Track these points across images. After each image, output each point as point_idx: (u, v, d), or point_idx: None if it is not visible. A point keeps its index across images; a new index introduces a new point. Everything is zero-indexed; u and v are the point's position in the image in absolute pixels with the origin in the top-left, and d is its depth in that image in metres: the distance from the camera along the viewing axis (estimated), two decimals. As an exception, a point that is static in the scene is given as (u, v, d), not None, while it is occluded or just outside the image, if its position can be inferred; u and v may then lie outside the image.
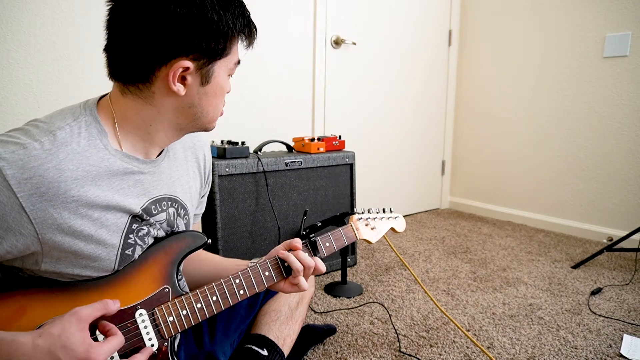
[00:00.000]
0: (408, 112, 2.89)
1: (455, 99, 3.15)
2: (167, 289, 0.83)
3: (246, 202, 1.67)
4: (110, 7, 0.73)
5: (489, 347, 1.36)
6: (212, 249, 1.61)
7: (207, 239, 0.90)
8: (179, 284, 0.85)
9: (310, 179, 1.84)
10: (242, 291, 0.89)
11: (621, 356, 1.31)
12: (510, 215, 2.88)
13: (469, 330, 1.47)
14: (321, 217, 1.86)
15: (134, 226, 0.79)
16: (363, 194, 2.64)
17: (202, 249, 0.90)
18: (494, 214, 2.97)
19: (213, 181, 1.57)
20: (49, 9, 1.57)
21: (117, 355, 0.75)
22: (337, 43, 2.43)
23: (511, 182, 2.88)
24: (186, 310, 0.83)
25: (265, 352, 0.99)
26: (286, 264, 0.91)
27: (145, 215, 0.80)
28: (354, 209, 1.95)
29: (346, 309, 1.62)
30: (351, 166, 1.94)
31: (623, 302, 1.67)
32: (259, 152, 1.80)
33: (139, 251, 0.81)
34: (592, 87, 2.44)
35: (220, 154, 1.66)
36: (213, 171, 1.56)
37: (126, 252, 0.78)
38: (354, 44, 2.48)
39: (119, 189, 0.76)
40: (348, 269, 1.99)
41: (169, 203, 0.86)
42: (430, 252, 2.25)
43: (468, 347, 1.36)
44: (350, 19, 2.47)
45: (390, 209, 1.16)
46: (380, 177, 2.81)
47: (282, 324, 1.07)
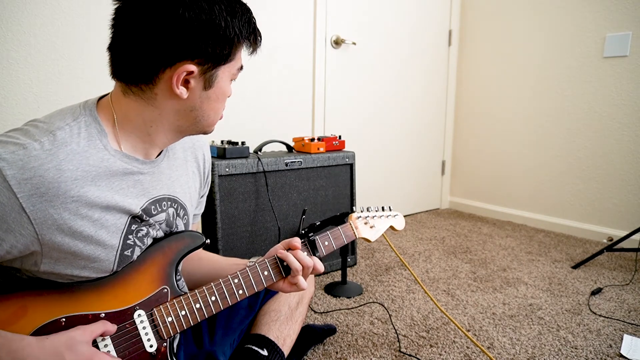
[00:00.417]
0: (408, 112, 2.89)
1: (455, 99, 3.15)
2: (165, 290, 0.83)
3: (246, 202, 1.67)
4: (117, 6, 0.73)
5: (489, 347, 1.36)
6: (212, 249, 1.61)
7: (206, 238, 0.90)
8: (177, 284, 0.85)
9: (310, 179, 1.84)
10: (241, 291, 0.89)
11: (621, 356, 1.31)
12: (510, 215, 2.88)
13: (469, 331, 1.47)
14: (321, 217, 1.86)
15: (133, 227, 0.79)
16: (363, 194, 2.64)
17: (200, 248, 0.90)
18: (494, 214, 2.97)
19: (213, 181, 1.57)
20: (49, 9, 1.58)
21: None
22: (337, 43, 2.43)
23: (511, 182, 2.88)
24: (185, 310, 0.83)
25: (265, 352, 0.99)
26: (285, 263, 0.91)
27: (145, 216, 0.80)
28: (353, 208, 1.95)
29: (346, 309, 1.62)
30: (351, 166, 1.94)
31: (623, 302, 1.67)
32: (259, 152, 1.80)
33: (137, 252, 0.81)
34: (592, 87, 2.44)
35: (220, 154, 1.66)
36: (213, 171, 1.56)
37: (125, 253, 0.78)
38: (354, 44, 2.48)
39: (118, 190, 0.76)
40: (348, 269, 1.99)
41: (169, 203, 0.86)
42: (430, 252, 2.25)
43: (468, 347, 1.35)
44: (350, 19, 2.47)
45: (389, 207, 1.16)
46: (380, 177, 2.80)
47: (282, 324, 1.07)
